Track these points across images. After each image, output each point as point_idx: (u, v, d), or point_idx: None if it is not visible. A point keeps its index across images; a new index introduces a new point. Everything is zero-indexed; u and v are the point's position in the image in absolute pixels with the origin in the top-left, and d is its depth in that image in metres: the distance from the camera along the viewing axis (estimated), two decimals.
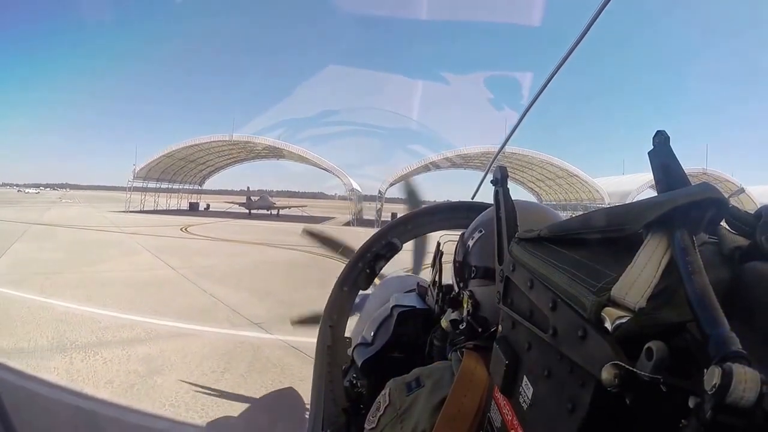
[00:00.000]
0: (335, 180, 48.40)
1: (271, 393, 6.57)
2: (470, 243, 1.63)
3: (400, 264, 3.31)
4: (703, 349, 0.53)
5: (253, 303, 11.31)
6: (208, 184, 68.32)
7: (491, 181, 1.24)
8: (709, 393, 0.47)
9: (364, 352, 2.33)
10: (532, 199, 61.56)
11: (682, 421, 0.53)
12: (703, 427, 0.49)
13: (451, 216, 2.79)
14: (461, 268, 1.65)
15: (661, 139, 0.77)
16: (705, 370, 0.49)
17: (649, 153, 0.79)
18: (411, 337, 2.27)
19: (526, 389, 0.83)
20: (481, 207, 2.26)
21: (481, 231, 1.62)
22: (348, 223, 45.19)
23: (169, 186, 59.21)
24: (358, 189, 51.35)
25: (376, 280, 2.93)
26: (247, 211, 57.17)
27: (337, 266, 2.98)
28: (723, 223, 0.72)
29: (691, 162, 47.51)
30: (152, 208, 54.58)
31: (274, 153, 54.73)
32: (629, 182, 46.18)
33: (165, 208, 57.02)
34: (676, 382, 0.54)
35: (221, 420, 5.84)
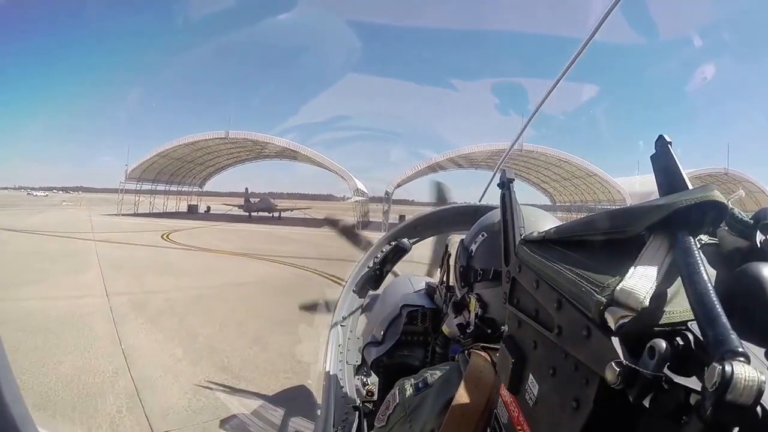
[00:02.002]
0: (343, 181, 44.12)
1: (283, 391, 6.29)
2: (473, 247, 1.61)
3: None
4: (704, 348, 0.54)
5: (178, 373, 6.90)
6: (213, 186, 64.55)
7: (498, 185, 1.26)
8: (710, 390, 0.48)
9: (375, 350, 2.39)
10: (545, 200, 58.20)
11: (684, 417, 0.54)
12: (703, 424, 0.49)
13: (459, 218, 2.86)
14: (466, 273, 1.61)
15: (662, 144, 0.80)
16: (706, 369, 0.49)
17: (651, 157, 0.82)
18: (420, 336, 2.38)
19: (532, 387, 0.83)
20: (489, 210, 2.13)
21: (483, 235, 1.61)
22: (353, 227, 41.19)
23: (166, 188, 54.88)
24: (364, 190, 47.17)
25: (386, 281, 3.03)
26: (247, 214, 52.87)
27: (325, 287, 5.81)
28: (723, 225, 0.74)
29: (711, 161, 44.53)
30: (148, 211, 50.36)
31: (278, 152, 50.48)
32: (651, 182, 41.10)
33: (161, 211, 52.78)
34: (678, 380, 0.55)
35: (234, 417, 5.65)
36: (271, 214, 53.89)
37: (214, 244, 23.79)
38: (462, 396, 1.15)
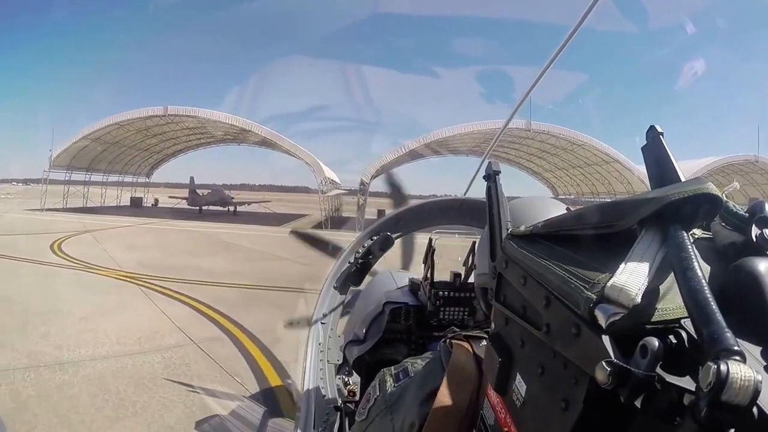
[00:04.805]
0: (317, 171, 37.35)
1: (262, 391, 6.14)
2: None
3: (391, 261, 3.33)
4: (698, 347, 0.55)
5: None
6: (170, 175, 57.73)
7: (483, 177, 1.25)
8: (705, 390, 0.48)
9: (356, 349, 2.42)
10: (547, 192, 52.69)
11: (677, 418, 0.54)
12: (698, 425, 0.49)
13: (444, 212, 2.87)
14: None
15: (654, 134, 0.82)
16: (700, 368, 0.50)
17: (642, 148, 0.83)
18: (403, 334, 2.46)
19: (520, 387, 0.83)
20: (474, 203, 2.38)
21: None
22: (320, 225, 35.00)
23: (104, 178, 48.11)
24: (336, 181, 40.93)
25: (369, 277, 3.03)
26: (197, 208, 46.32)
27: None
28: (718, 219, 0.75)
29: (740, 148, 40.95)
30: (81, 205, 43.62)
31: (236, 136, 44.22)
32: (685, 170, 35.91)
33: (98, 205, 45.96)
34: (671, 379, 0.55)
35: (211, 418, 5.44)
36: (226, 209, 47.34)
37: (116, 257, 17.31)
38: (444, 396, 1.13)
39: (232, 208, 47.58)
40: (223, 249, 21.02)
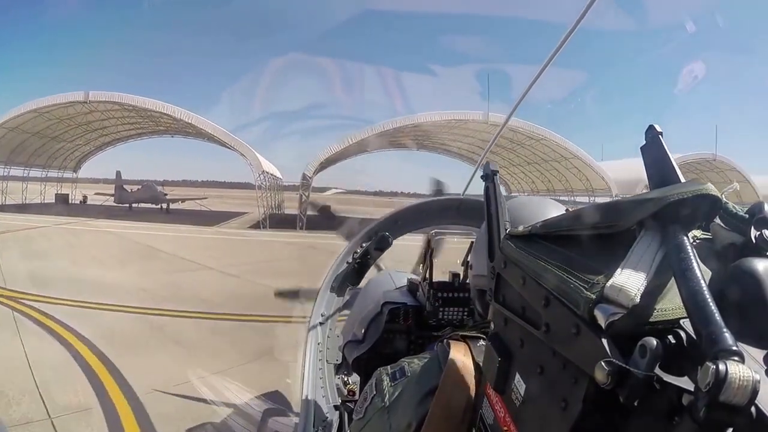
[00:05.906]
0: (254, 165, 35.01)
1: (256, 397, 5.90)
2: None
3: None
4: (697, 347, 0.56)
5: None
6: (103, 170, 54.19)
7: (481, 177, 1.25)
8: (703, 391, 0.49)
9: (355, 349, 2.48)
10: (503, 191, 52.19)
11: (676, 418, 0.55)
12: (696, 425, 0.51)
13: (443, 212, 2.84)
14: None
15: (653, 134, 0.82)
16: (699, 368, 0.51)
17: (641, 148, 0.84)
18: (402, 334, 2.49)
19: (519, 386, 0.84)
20: (473, 202, 2.37)
21: None
22: (258, 224, 32.94)
23: (24, 172, 44.40)
24: (276, 174, 38.90)
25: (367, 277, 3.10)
26: (126, 205, 43.63)
27: None
28: (717, 220, 0.75)
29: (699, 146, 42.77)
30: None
31: (166, 126, 41.84)
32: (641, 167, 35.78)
33: (20, 202, 42.52)
34: (670, 379, 0.56)
35: (201, 427, 5.32)
36: (158, 206, 44.75)
37: (6, 267, 14.66)
38: (443, 395, 1.14)
39: (164, 206, 45.24)
40: (141, 256, 18.75)
